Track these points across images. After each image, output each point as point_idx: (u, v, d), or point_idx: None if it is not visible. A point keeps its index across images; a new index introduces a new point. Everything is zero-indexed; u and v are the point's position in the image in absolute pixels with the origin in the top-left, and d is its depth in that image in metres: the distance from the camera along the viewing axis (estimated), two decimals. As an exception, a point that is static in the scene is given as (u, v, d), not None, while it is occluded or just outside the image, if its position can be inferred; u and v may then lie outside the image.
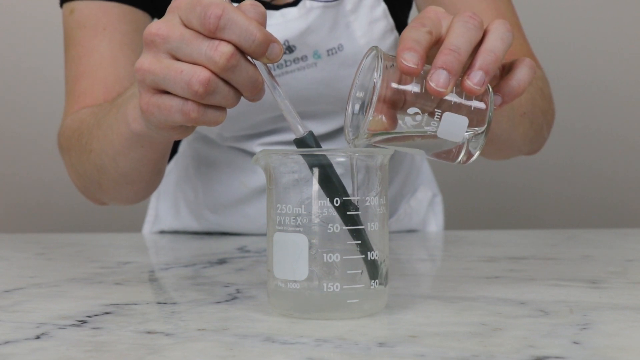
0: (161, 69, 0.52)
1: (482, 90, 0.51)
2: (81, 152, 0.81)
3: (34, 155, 1.76)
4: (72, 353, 0.41)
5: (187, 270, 0.72)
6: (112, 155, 0.75)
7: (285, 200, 0.49)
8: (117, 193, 0.83)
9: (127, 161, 0.75)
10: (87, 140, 0.79)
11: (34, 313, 0.52)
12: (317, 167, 0.49)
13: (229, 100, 0.53)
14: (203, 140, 1.05)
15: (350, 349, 0.42)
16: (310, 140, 0.51)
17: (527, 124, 0.79)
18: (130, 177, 0.78)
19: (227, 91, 0.53)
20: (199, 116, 0.53)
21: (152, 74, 0.53)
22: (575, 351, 0.41)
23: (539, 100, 0.81)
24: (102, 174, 0.79)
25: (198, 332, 0.46)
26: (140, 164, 0.75)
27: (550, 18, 1.70)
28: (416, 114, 0.51)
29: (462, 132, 0.51)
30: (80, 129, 0.81)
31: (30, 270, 0.75)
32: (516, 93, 0.55)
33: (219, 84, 0.52)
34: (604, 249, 0.89)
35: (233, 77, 0.52)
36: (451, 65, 0.50)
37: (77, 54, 0.89)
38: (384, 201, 0.50)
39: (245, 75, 0.52)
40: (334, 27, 0.91)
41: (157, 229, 1.12)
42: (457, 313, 0.51)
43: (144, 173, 0.78)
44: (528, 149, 0.85)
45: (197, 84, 0.51)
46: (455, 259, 0.80)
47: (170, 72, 0.52)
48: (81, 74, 0.88)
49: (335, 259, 0.48)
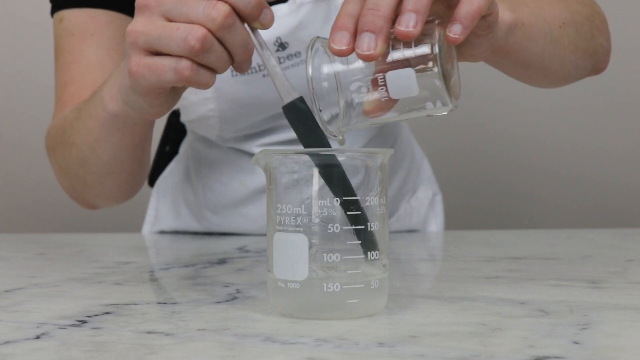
0: (156, 29, 0.54)
1: (416, 32, 0.48)
2: (64, 147, 0.81)
3: (34, 156, 1.76)
4: (72, 353, 0.41)
5: (187, 270, 0.72)
6: (91, 144, 0.76)
7: (286, 200, 0.49)
8: (101, 187, 0.83)
9: (106, 149, 0.75)
10: (69, 134, 0.80)
11: (34, 313, 0.52)
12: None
13: (221, 62, 0.55)
14: (203, 141, 1.05)
15: (350, 349, 0.42)
16: (302, 104, 0.53)
17: (573, 34, 0.76)
18: (111, 167, 0.79)
19: (220, 51, 0.54)
20: (192, 74, 0.55)
21: (146, 34, 0.54)
22: (575, 351, 0.41)
23: (576, 6, 0.77)
24: (84, 166, 0.80)
25: (198, 332, 0.46)
26: (120, 150, 0.76)
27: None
28: (360, 88, 0.50)
29: (413, 84, 0.49)
30: (63, 126, 0.82)
31: (30, 270, 0.75)
32: (473, 12, 0.51)
33: (214, 42, 0.54)
34: (604, 249, 0.89)
35: (228, 38, 0.54)
36: (372, 24, 0.49)
37: (66, 61, 0.89)
38: (384, 201, 0.50)
39: (240, 37, 0.54)
40: (326, 22, 0.91)
41: (157, 229, 1.12)
42: (457, 313, 0.51)
43: (124, 161, 0.78)
44: (588, 63, 0.80)
45: (194, 40, 0.52)
46: (455, 259, 0.80)
47: (165, 31, 0.53)
48: (70, 79, 0.89)
49: (336, 259, 0.48)
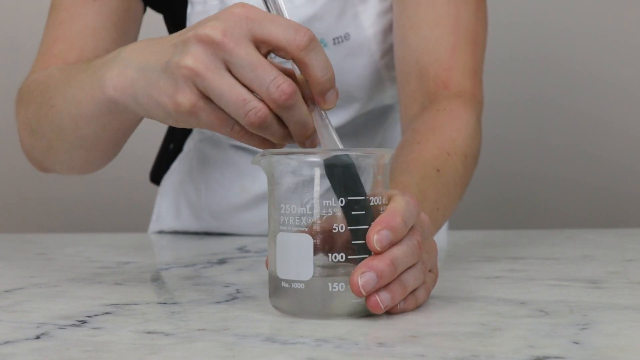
0: (219, 85, 0.52)
1: None
2: (41, 106, 0.76)
3: (34, 155, 1.76)
4: (72, 353, 0.41)
5: (187, 270, 0.72)
6: (74, 116, 0.70)
7: (290, 200, 0.49)
8: (67, 156, 0.78)
9: (89, 125, 0.69)
10: (51, 95, 0.74)
11: (34, 313, 0.52)
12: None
13: (275, 138, 0.54)
14: (209, 142, 1.05)
15: (350, 349, 0.42)
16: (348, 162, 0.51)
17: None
18: (87, 142, 0.73)
19: (277, 129, 0.53)
20: (242, 139, 0.54)
21: (206, 81, 0.52)
22: (575, 351, 0.41)
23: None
24: (58, 133, 0.74)
25: (198, 332, 0.46)
26: (104, 130, 0.70)
27: (551, 19, 1.70)
28: None
29: None
30: (46, 83, 0.77)
31: (30, 270, 0.75)
32: None
33: (273, 121, 0.52)
34: (604, 249, 0.89)
35: (286, 116, 0.52)
36: None
37: (60, 19, 0.86)
38: (385, 201, 0.50)
39: (298, 116, 0.53)
40: (341, 16, 0.91)
41: (157, 229, 1.12)
42: (457, 313, 0.51)
43: (103, 140, 0.73)
44: None
45: (254, 117, 0.51)
46: (455, 259, 0.80)
47: (231, 95, 0.51)
48: (60, 37, 0.85)
49: (340, 259, 0.48)
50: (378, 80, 0.95)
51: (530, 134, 1.73)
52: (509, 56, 1.68)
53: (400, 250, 0.49)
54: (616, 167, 1.72)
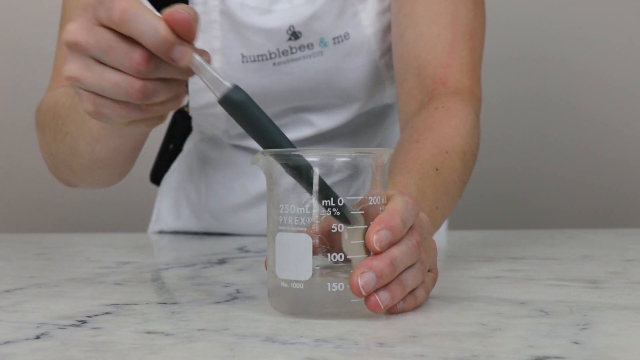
0: (94, 81, 0.53)
1: None
2: (56, 132, 0.80)
3: (34, 155, 1.76)
4: (72, 353, 0.41)
5: (187, 270, 0.72)
6: (89, 142, 0.75)
7: (289, 200, 0.49)
8: (88, 176, 0.84)
9: (104, 149, 0.75)
10: (63, 122, 0.79)
11: (34, 313, 0.52)
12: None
13: (173, 93, 0.55)
14: (209, 142, 1.05)
15: (350, 349, 0.42)
16: (239, 94, 0.51)
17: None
18: (104, 163, 0.79)
19: (167, 89, 0.54)
20: (146, 115, 0.55)
21: (84, 82, 0.54)
22: (575, 351, 0.41)
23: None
24: (75, 157, 0.79)
25: (198, 332, 0.46)
26: (117, 152, 0.76)
27: (550, 18, 1.70)
28: None
29: None
30: (55, 109, 0.81)
31: (30, 270, 0.75)
32: None
33: (157, 85, 0.53)
34: (604, 249, 0.89)
35: (161, 75, 0.53)
36: None
37: None
38: (384, 200, 0.50)
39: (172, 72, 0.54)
40: (341, 15, 0.91)
41: (157, 229, 1.12)
42: (457, 313, 0.51)
43: (119, 160, 0.79)
44: None
45: (135, 92, 0.53)
46: (455, 259, 0.80)
47: (106, 84, 0.53)
48: None
49: (339, 259, 0.48)
50: (378, 80, 0.95)
51: (530, 134, 1.73)
52: (509, 55, 1.68)
53: (400, 250, 0.49)
54: (616, 167, 1.72)
